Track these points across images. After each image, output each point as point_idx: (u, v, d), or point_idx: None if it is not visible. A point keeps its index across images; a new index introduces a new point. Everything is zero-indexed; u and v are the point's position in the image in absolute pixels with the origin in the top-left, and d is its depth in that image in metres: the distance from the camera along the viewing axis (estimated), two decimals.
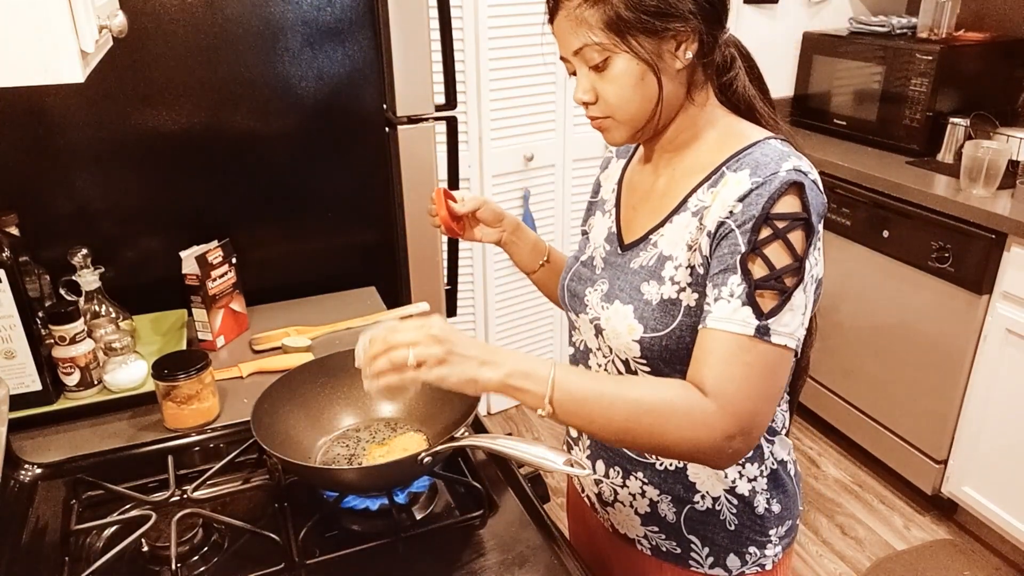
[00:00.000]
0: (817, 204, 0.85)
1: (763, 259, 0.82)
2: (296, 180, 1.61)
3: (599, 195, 1.12)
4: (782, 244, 0.82)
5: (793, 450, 1.04)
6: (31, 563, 0.95)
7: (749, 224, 0.83)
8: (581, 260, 1.07)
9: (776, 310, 0.82)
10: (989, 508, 2.24)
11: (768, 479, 0.99)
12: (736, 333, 0.82)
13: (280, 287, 1.64)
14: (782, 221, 0.82)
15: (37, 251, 1.30)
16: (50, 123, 1.39)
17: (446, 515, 1.03)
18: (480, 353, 0.83)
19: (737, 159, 0.89)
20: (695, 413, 0.81)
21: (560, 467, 0.87)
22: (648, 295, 0.92)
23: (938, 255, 2.24)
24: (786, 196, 0.83)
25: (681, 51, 0.88)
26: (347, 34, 1.54)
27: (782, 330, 0.82)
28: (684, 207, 0.92)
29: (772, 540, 1.01)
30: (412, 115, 1.61)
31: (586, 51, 0.88)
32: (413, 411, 1.15)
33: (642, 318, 0.92)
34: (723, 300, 0.84)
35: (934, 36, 2.60)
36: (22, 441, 1.17)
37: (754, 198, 0.83)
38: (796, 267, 0.82)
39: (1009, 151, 2.23)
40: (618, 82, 0.88)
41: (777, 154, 0.87)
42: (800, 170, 0.85)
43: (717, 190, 0.88)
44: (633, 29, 0.85)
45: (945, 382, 2.29)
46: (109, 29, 0.86)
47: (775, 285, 0.82)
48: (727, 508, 0.99)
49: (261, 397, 1.05)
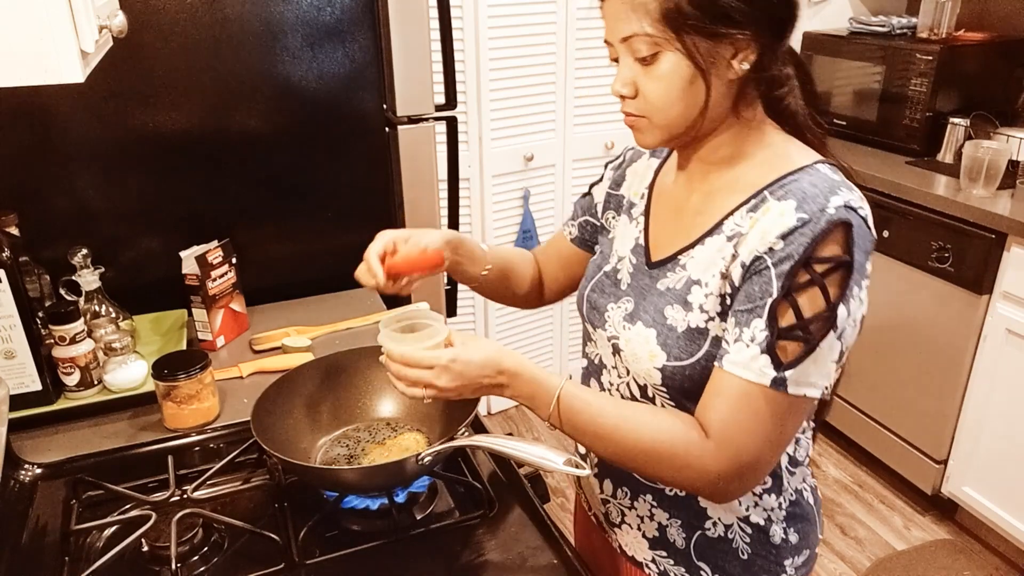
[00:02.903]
0: (864, 243, 0.79)
1: (794, 307, 0.77)
2: (296, 180, 1.61)
3: (622, 189, 1.04)
4: (818, 291, 0.77)
5: (812, 476, 0.99)
6: (31, 563, 0.95)
7: (787, 266, 0.77)
8: (605, 271, 1.00)
9: (797, 361, 0.78)
10: (989, 508, 2.24)
11: (787, 509, 0.95)
12: (750, 381, 0.79)
13: (280, 287, 1.64)
14: (822, 265, 0.77)
15: (37, 251, 1.30)
16: (50, 123, 1.39)
17: (446, 515, 1.03)
18: (490, 381, 0.87)
19: (781, 184, 0.83)
20: (691, 456, 0.81)
21: (560, 467, 0.87)
22: (672, 320, 0.87)
23: (938, 255, 2.24)
24: (831, 237, 0.77)
25: (737, 60, 0.81)
26: (347, 34, 1.54)
27: (802, 380, 0.78)
28: (719, 229, 0.86)
29: (788, 571, 0.96)
30: (412, 115, 1.61)
31: (635, 41, 0.81)
32: (413, 411, 1.15)
33: (665, 345, 0.87)
34: (742, 343, 0.79)
35: (934, 36, 2.60)
36: (22, 441, 1.17)
37: (797, 237, 0.77)
38: (828, 316, 0.77)
39: (1009, 151, 2.23)
40: (663, 81, 0.82)
41: (827, 185, 0.80)
42: (850, 206, 0.78)
43: (757, 217, 0.82)
44: (692, 27, 0.78)
45: (945, 382, 2.29)
46: (109, 29, 0.86)
47: (800, 336, 0.77)
48: (740, 536, 0.94)
49: (261, 397, 1.05)
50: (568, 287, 1.17)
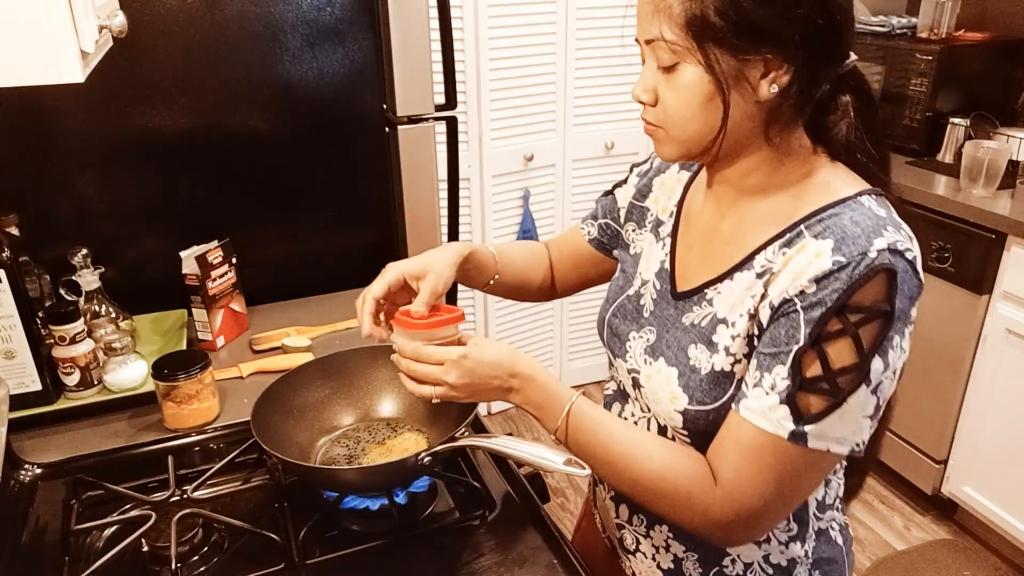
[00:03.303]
0: (910, 290, 0.71)
1: (821, 357, 0.71)
2: (296, 180, 1.61)
3: (647, 201, 0.98)
4: (850, 342, 0.70)
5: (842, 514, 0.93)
6: (31, 563, 0.95)
7: (817, 312, 0.71)
8: (628, 294, 0.95)
9: (820, 416, 0.72)
10: (989, 508, 2.24)
11: (813, 551, 0.88)
12: (766, 431, 0.74)
13: (280, 287, 1.64)
14: (857, 314, 0.70)
15: (37, 251, 1.30)
16: (50, 123, 1.39)
17: (446, 515, 1.03)
18: (501, 383, 0.85)
19: (820, 219, 0.75)
20: (695, 499, 0.78)
21: (560, 467, 0.87)
22: (696, 362, 0.82)
23: (938, 255, 2.24)
24: (871, 285, 0.70)
25: (767, 81, 0.73)
26: (347, 34, 1.54)
27: (827, 434, 0.72)
28: (749, 264, 0.80)
29: None
30: (412, 115, 1.61)
31: (657, 46, 0.75)
32: (413, 411, 1.15)
33: (687, 387, 0.82)
34: (762, 389, 0.74)
35: (934, 36, 2.60)
36: (22, 441, 1.17)
37: (832, 282, 0.70)
38: (859, 368, 0.71)
39: (1009, 151, 2.23)
40: (682, 93, 0.76)
41: (871, 223, 0.72)
42: (895, 249, 0.71)
43: (791, 254, 0.75)
44: (716, 39, 0.72)
45: (945, 382, 2.29)
46: (109, 29, 0.86)
47: (826, 389, 0.71)
48: None
49: (261, 397, 1.05)
50: (579, 285, 1.14)
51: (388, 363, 1.15)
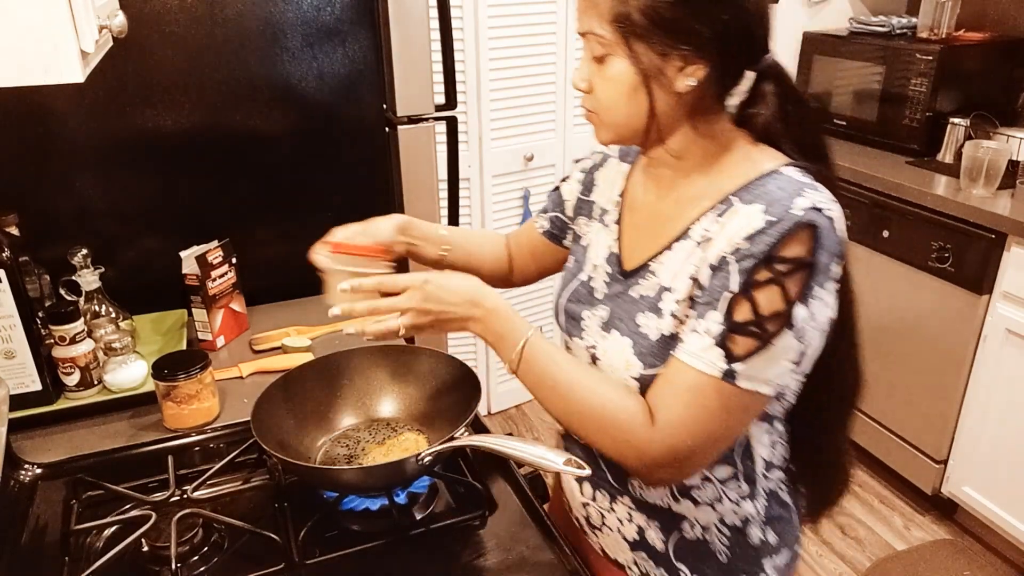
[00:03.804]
0: (831, 245, 0.78)
1: (751, 303, 0.77)
2: (296, 180, 1.61)
3: (592, 195, 1.06)
4: (777, 290, 0.77)
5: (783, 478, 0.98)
6: (31, 563, 0.95)
7: (748, 263, 0.78)
8: (580, 279, 1.01)
9: (749, 355, 0.78)
10: (989, 508, 2.24)
11: (765, 510, 0.94)
12: (701, 371, 0.79)
13: (280, 287, 1.64)
14: (784, 264, 0.77)
15: (37, 251, 1.30)
16: (50, 123, 1.39)
17: (446, 515, 1.03)
18: (465, 312, 0.88)
19: (749, 189, 0.82)
20: (632, 434, 0.83)
21: (560, 467, 0.87)
22: (645, 328, 0.87)
23: (938, 255, 2.24)
24: (795, 238, 0.77)
25: (684, 75, 0.81)
26: (347, 34, 1.54)
27: (754, 375, 0.78)
28: (687, 235, 0.87)
29: (767, 571, 0.96)
30: (412, 115, 1.61)
31: (590, 39, 0.83)
32: (413, 411, 1.15)
33: (640, 354, 0.87)
34: (697, 334, 0.80)
35: (934, 36, 2.60)
36: (22, 441, 1.17)
37: (762, 237, 0.77)
38: (784, 314, 0.77)
39: (1009, 151, 2.23)
40: (611, 83, 0.83)
41: (794, 187, 0.79)
42: (817, 208, 0.78)
43: (724, 221, 0.82)
44: (639, 35, 0.79)
45: (945, 382, 2.29)
46: (109, 29, 0.86)
47: (754, 332, 0.77)
48: (719, 539, 0.94)
49: (261, 397, 1.05)
50: (536, 275, 1.20)
51: (388, 363, 1.16)
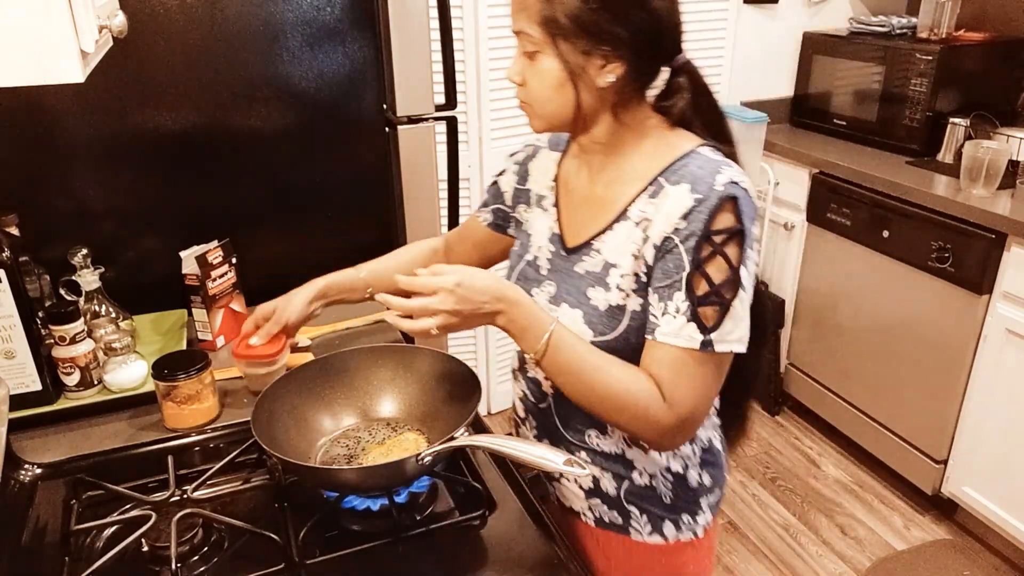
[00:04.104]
0: (750, 211, 0.90)
1: (705, 277, 0.88)
2: (296, 180, 1.61)
3: (528, 184, 1.13)
4: (720, 259, 0.88)
5: (717, 424, 1.11)
6: (31, 563, 0.95)
7: (692, 242, 0.89)
8: (526, 260, 1.09)
9: (718, 323, 0.89)
10: (989, 508, 2.24)
11: (700, 455, 1.07)
12: (684, 348, 0.90)
13: (280, 287, 1.63)
14: (719, 236, 0.88)
15: (37, 251, 1.30)
16: (50, 123, 1.39)
17: (446, 515, 1.03)
18: (492, 308, 0.92)
19: (673, 170, 0.93)
20: (650, 410, 0.91)
21: (560, 467, 0.87)
22: (595, 300, 0.97)
23: (938, 255, 2.24)
24: (723, 212, 0.88)
25: (604, 72, 0.91)
26: (347, 34, 1.54)
27: (726, 338, 0.90)
28: (625, 216, 0.97)
29: (703, 509, 1.09)
30: (412, 115, 1.61)
31: (522, 37, 0.92)
32: (413, 411, 1.15)
33: (590, 323, 0.97)
34: (669, 315, 0.90)
35: (934, 36, 2.60)
36: (22, 441, 1.17)
37: (696, 215, 0.89)
38: (733, 279, 0.89)
39: (1009, 151, 2.23)
40: (540, 78, 0.93)
41: (712, 166, 0.91)
42: (734, 182, 0.90)
43: (658, 203, 0.93)
44: (565, 36, 0.89)
45: (945, 382, 2.29)
46: (109, 29, 0.86)
47: (715, 300, 0.89)
48: (663, 484, 1.05)
49: (261, 397, 1.05)
50: (484, 266, 1.23)
51: (388, 363, 1.17)
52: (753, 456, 2.77)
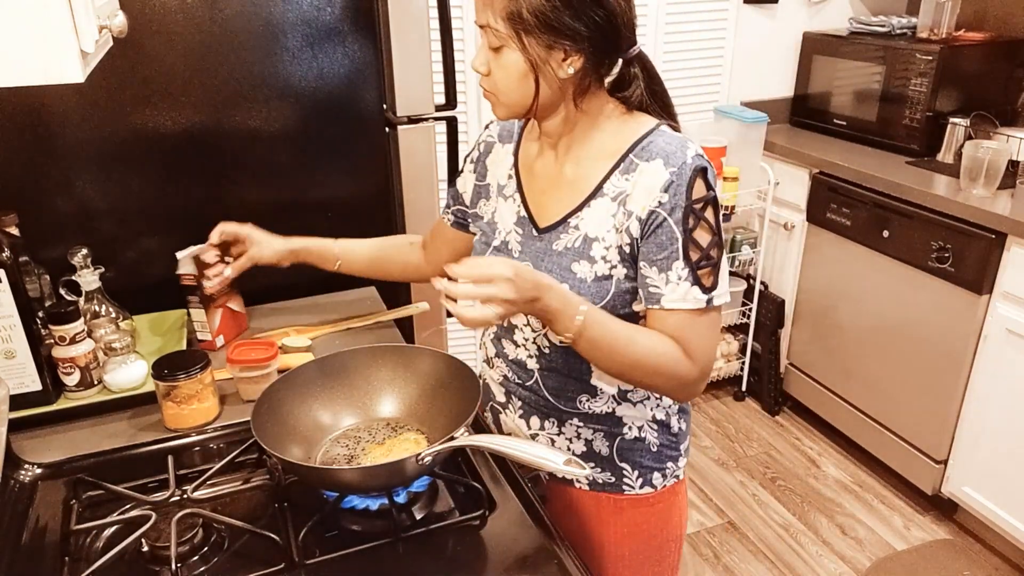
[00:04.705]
0: (714, 177, 1.00)
1: (695, 243, 0.98)
2: (296, 180, 1.61)
3: (487, 179, 1.19)
4: (704, 225, 0.98)
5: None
6: (31, 563, 0.95)
7: (679, 214, 0.97)
8: (494, 245, 1.14)
9: (715, 282, 1.00)
10: (989, 508, 2.24)
11: (679, 403, 1.16)
12: (692, 310, 0.99)
13: (280, 287, 1.64)
14: (699, 204, 0.97)
15: (37, 251, 1.30)
16: (50, 123, 1.39)
17: (446, 515, 1.03)
18: (533, 295, 0.94)
19: (642, 147, 1.01)
20: (679, 370, 1.00)
21: (560, 467, 0.87)
22: (581, 273, 1.03)
23: (938, 255, 2.24)
24: (697, 181, 0.97)
25: (565, 64, 0.97)
26: (347, 34, 1.54)
27: (721, 292, 1.01)
28: (601, 192, 1.03)
29: (681, 454, 1.19)
30: (412, 115, 1.61)
31: (487, 30, 0.98)
32: (413, 411, 1.15)
33: (579, 294, 1.01)
34: (673, 284, 0.99)
35: (934, 36, 2.60)
36: (22, 441, 1.17)
37: (676, 188, 0.97)
38: (717, 240, 0.99)
39: (1009, 151, 2.23)
40: (505, 70, 0.99)
41: (678, 141, 1.00)
42: (699, 153, 0.99)
43: (635, 178, 1.00)
44: (528, 31, 0.95)
45: (945, 382, 2.29)
46: (109, 29, 0.86)
47: (707, 263, 0.99)
48: (650, 433, 1.14)
49: (261, 397, 1.05)
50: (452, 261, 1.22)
51: (388, 363, 1.17)
52: (753, 456, 2.77)
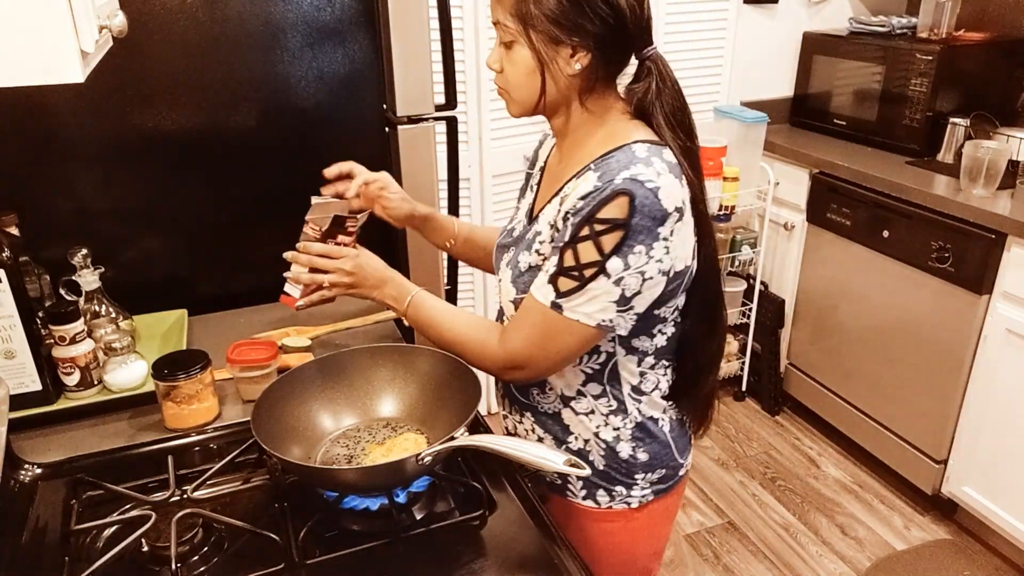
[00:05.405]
0: (651, 211, 0.94)
1: (574, 253, 0.97)
2: (296, 180, 1.61)
3: (534, 169, 1.24)
4: (593, 244, 0.95)
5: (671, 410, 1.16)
6: (31, 563, 0.95)
7: (577, 220, 0.97)
8: (507, 229, 1.22)
9: (569, 293, 0.99)
10: (989, 508, 2.24)
11: (633, 430, 1.13)
12: (537, 300, 1.02)
13: (280, 287, 1.64)
14: (600, 225, 0.95)
15: (37, 251, 1.30)
16: (50, 123, 1.39)
17: (446, 515, 1.03)
18: (376, 282, 1.19)
19: (604, 159, 1.00)
20: (485, 352, 1.08)
21: (560, 467, 0.87)
22: (522, 263, 1.09)
23: (938, 255, 2.24)
24: (613, 202, 0.94)
25: (572, 61, 0.98)
26: (347, 34, 1.54)
27: (576, 308, 0.99)
28: (560, 193, 1.07)
29: (639, 483, 1.15)
30: (412, 115, 1.61)
31: (500, 27, 1.00)
32: (413, 411, 1.15)
33: (514, 281, 1.09)
34: (544, 273, 1.02)
35: (934, 36, 2.60)
36: (22, 441, 1.17)
37: (590, 200, 0.96)
38: (599, 264, 0.96)
39: (1009, 151, 2.23)
40: (515, 66, 1.01)
41: (628, 159, 0.96)
42: (637, 179, 0.94)
43: (576, 183, 1.01)
44: (536, 28, 0.97)
45: (945, 382, 2.29)
46: (109, 29, 0.86)
47: (573, 275, 0.98)
48: (595, 450, 1.14)
49: (261, 397, 1.05)
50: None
51: (388, 363, 1.17)
52: (753, 456, 2.77)
